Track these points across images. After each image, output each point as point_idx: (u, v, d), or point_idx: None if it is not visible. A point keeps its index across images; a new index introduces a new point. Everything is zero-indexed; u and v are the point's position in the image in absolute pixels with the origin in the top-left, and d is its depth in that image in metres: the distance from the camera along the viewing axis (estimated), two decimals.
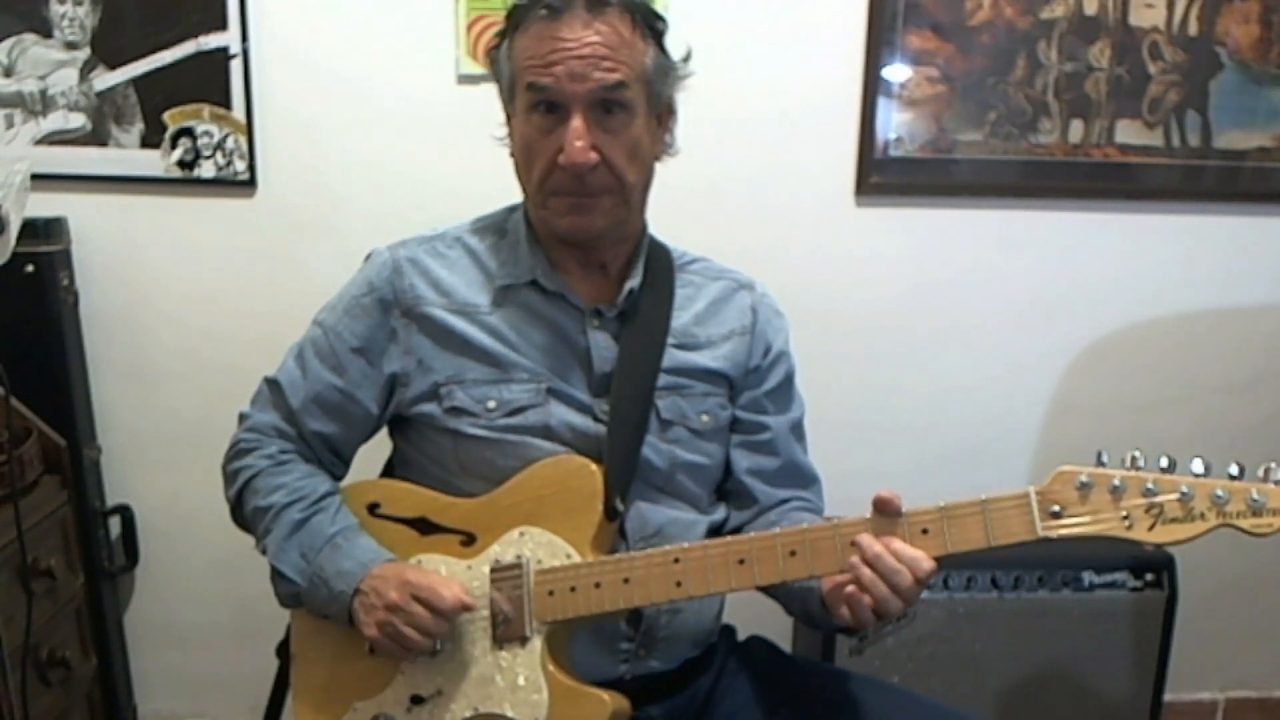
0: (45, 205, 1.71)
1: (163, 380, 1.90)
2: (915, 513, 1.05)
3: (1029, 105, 1.90)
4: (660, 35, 1.20)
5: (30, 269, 1.72)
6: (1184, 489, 0.96)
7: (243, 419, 1.30)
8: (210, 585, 1.97)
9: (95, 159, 1.80)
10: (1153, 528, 0.97)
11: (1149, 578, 1.79)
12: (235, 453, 1.28)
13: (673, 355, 1.25)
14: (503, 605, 1.14)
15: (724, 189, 1.88)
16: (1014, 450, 2.06)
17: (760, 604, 1.24)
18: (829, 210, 1.93)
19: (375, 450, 1.34)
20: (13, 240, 1.33)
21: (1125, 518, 0.98)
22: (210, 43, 1.77)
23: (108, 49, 1.77)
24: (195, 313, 1.88)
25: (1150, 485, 0.97)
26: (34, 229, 1.69)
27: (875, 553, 1.03)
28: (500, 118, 1.24)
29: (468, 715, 1.14)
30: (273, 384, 1.28)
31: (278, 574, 1.19)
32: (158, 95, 1.79)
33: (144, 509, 1.95)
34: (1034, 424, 2.06)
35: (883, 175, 1.91)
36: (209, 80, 1.78)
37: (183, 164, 1.81)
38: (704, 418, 1.26)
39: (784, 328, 1.36)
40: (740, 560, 1.09)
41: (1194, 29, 1.89)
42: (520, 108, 1.18)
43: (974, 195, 1.94)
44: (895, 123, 1.89)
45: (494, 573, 1.16)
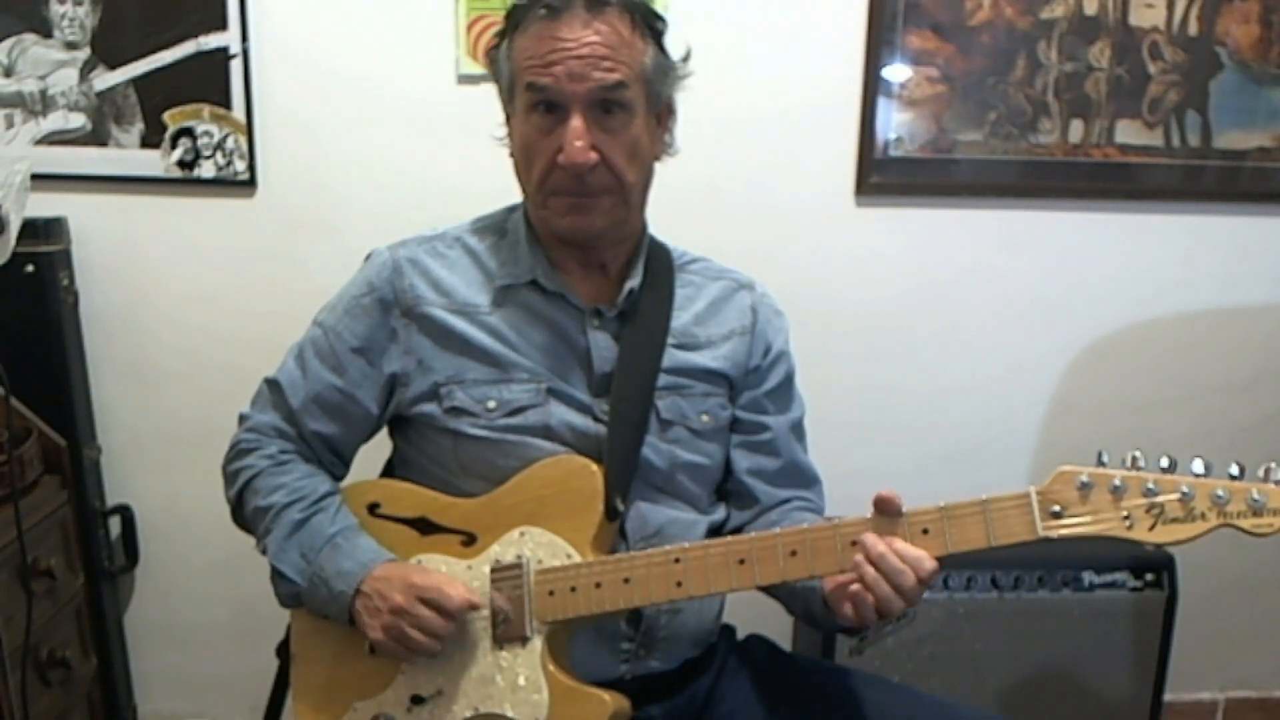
0: (45, 205, 1.71)
1: (163, 380, 1.90)
2: (916, 513, 1.05)
3: (1029, 105, 1.90)
4: (659, 35, 1.20)
5: (30, 269, 1.72)
6: (1184, 489, 0.97)
7: (243, 420, 1.30)
8: (210, 585, 1.97)
9: (95, 159, 1.80)
10: (1153, 528, 0.97)
11: (1149, 578, 1.79)
12: (235, 453, 1.28)
13: (673, 355, 1.25)
14: (503, 605, 1.14)
15: (724, 189, 1.88)
16: (1014, 450, 2.06)
17: (760, 603, 1.24)
18: (829, 210, 1.93)
19: (375, 450, 1.34)
20: (13, 240, 1.33)
21: (1126, 518, 0.98)
22: (210, 43, 1.77)
23: (108, 49, 1.77)
24: (195, 313, 1.88)
25: (1151, 485, 0.98)
26: (34, 229, 1.69)
27: (879, 552, 1.03)
28: (500, 118, 1.24)
29: (468, 715, 1.14)
30: (273, 384, 1.28)
31: (278, 574, 1.19)
32: (158, 95, 1.79)
33: (144, 509, 1.95)
34: (1034, 424, 2.06)
35: (883, 175, 1.91)
36: (209, 80, 1.78)
37: (183, 164, 1.81)
38: (704, 418, 1.26)
39: (784, 327, 1.36)
40: (741, 560, 1.09)
41: (1194, 29, 1.89)
42: (520, 108, 1.18)
43: (974, 195, 1.94)
44: (895, 123, 1.89)
45: (494, 573, 1.16)
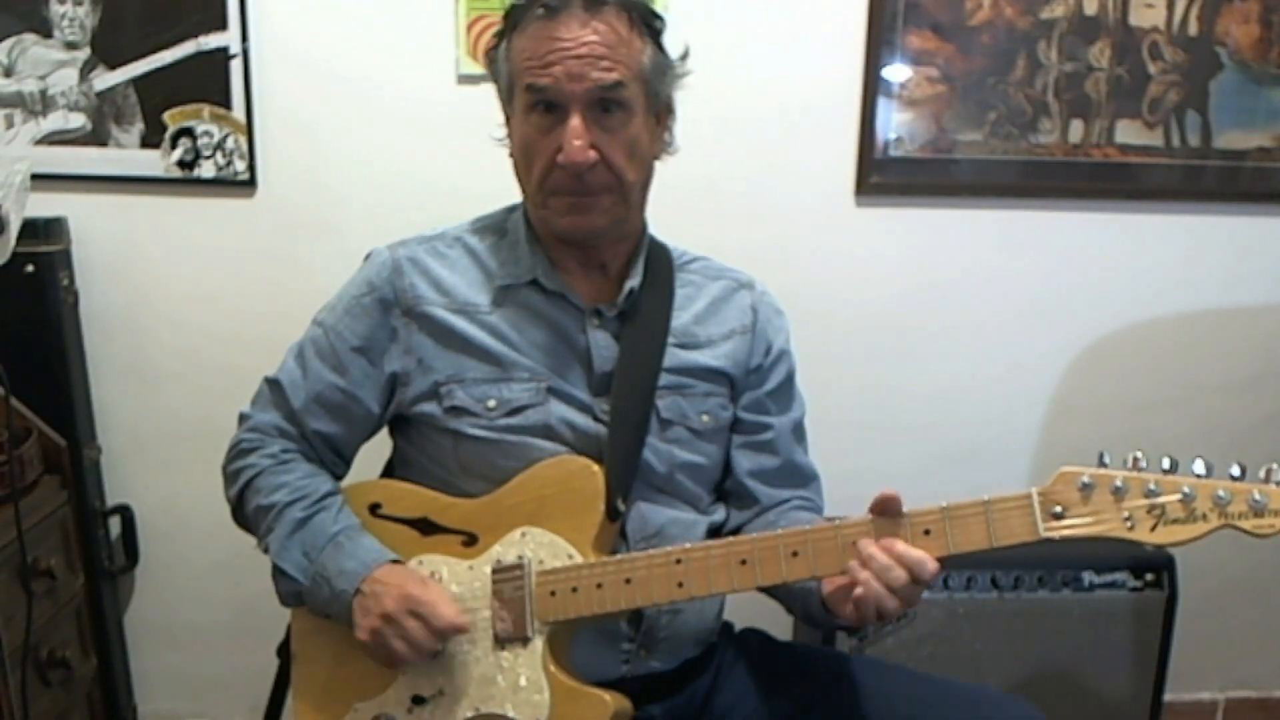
0: (45, 205, 1.71)
1: (163, 380, 1.90)
2: (917, 513, 1.05)
3: (1029, 105, 1.90)
4: (658, 34, 1.20)
5: (30, 269, 1.72)
6: (1186, 490, 0.96)
7: (243, 419, 1.30)
8: (210, 585, 1.97)
9: (95, 159, 1.80)
10: (1155, 529, 0.97)
11: (1149, 578, 1.79)
12: (237, 453, 1.28)
13: (673, 355, 1.25)
14: (501, 615, 1.14)
15: (724, 189, 1.88)
16: (1014, 450, 2.06)
17: (760, 602, 1.24)
18: (829, 210, 1.92)
19: (376, 450, 1.34)
20: (13, 240, 1.33)
21: (1127, 519, 0.98)
22: (210, 43, 1.77)
23: (108, 49, 1.77)
24: (195, 313, 1.88)
25: (1152, 486, 0.97)
26: (34, 229, 1.68)
27: (869, 553, 1.03)
28: (500, 118, 1.24)
29: (469, 715, 1.13)
30: (273, 384, 1.28)
31: (280, 572, 1.19)
32: (158, 95, 1.78)
33: (144, 509, 1.95)
34: (1034, 424, 2.06)
35: (883, 175, 1.91)
36: (209, 80, 1.78)
37: (183, 164, 1.81)
38: (704, 418, 1.26)
39: (784, 326, 1.36)
40: (742, 561, 1.09)
41: (1194, 29, 1.89)
42: (519, 108, 1.18)
43: (974, 195, 1.93)
44: (895, 123, 1.89)
45: (496, 573, 1.16)
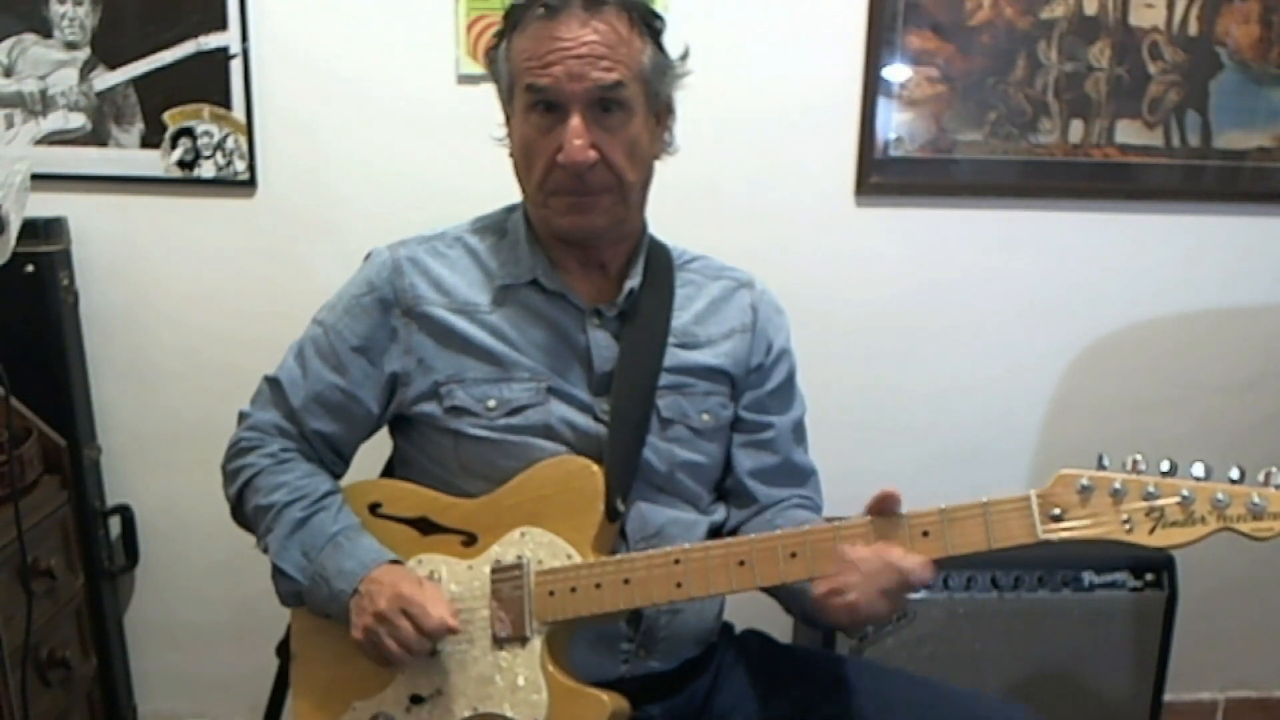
0: (45, 205, 1.71)
1: (163, 380, 1.90)
2: (916, 515, 1.05)
3: (1029, 105, 1.90)
4: (658, 34, 1.20)
5: (30, 269, 1.72)
6: (1185, 492, 0.96)
7: (243, 418, 1.30)
8: (210, 585, 1.97)
9: (95, 159, 1.80)
10: (1153, 531, 0.97)
11: (1149, 578, 1.79)
12: (236, 451, 1.28)
13: (674, 354, 1.25)
14: (500, 615, 1.14)
15: (724, 189, 1.88)
16: (1014, 450, 2.05)
17: (761, 603, 1.24)
18: (829, 210, 1.92)
19: (375, 450, 1.34)
20: (13, 240, 1.33)
21: (1126, 521, 0.98)
22: (210, 43, 1.76)
23: (108, 49, 1.77)
24: (195, 313, 1.88)
25: (1151, 489, 0.97)
26: (34, 229, 1.68)
27: (854, 558, 1.04)
28: (500, 118, 1.24)
29: (467, 715, 1.14)
30: (273, 382, 1.28)
31: (279, 572, 1.19)
32: (158, 95, 1.78)
33: (144, 509, 1.95)
34: (1034, 424, 2.06)
35: (883, 175, 1.90)
36: (209, 80, 1.78)
37: (183, 164, 1.81)
38: (705, 416, 1.26)
39: (785, 325, 1.36)
40: (741, 562, 1.10)
41: (1194, 29, 1.89)
42: (519, 108, 1.18)
43: (974, 195, 1.93)
44: (895, 123, 1.89)
45: (495, 573, 1.16)
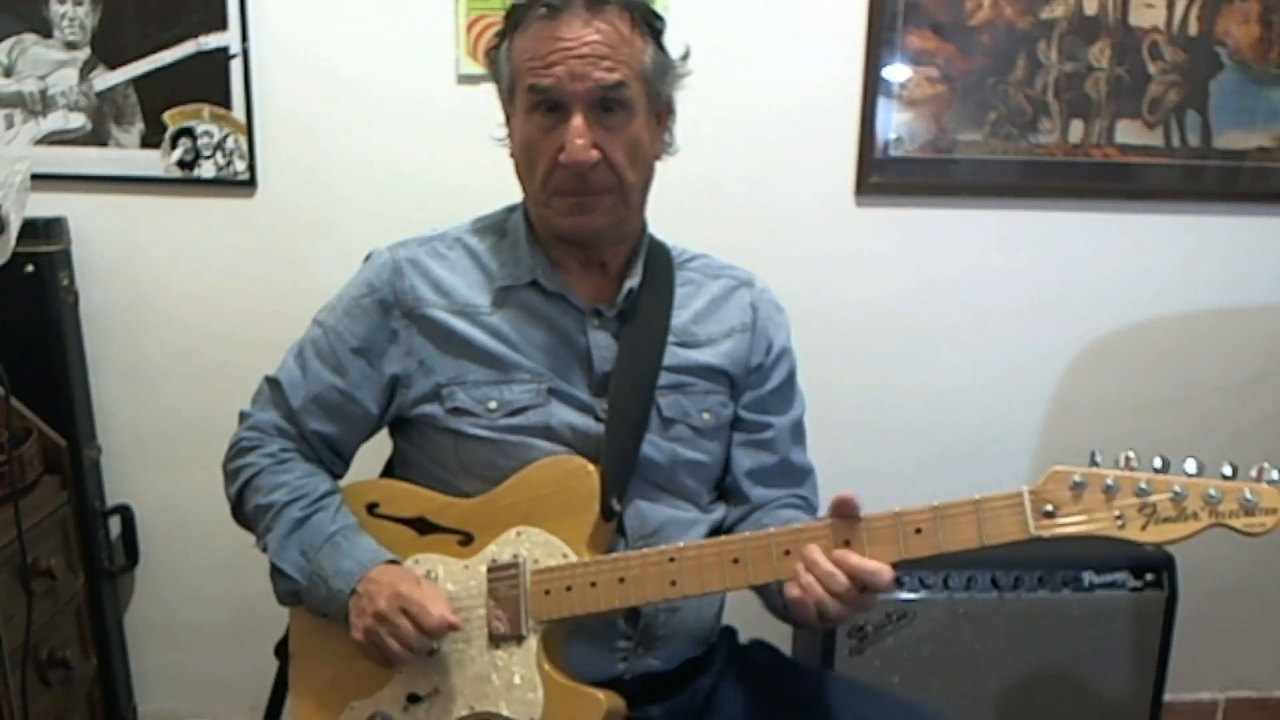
0: (45, 205, 1.71)
1: (163, 380, 1.91)
2: (909, 512, 1.05)
3: (1029, 105, 1.90)
4: (659, 34, 1.20)
5: (30, 269, 1.72)
6: (1177, 489, 0.96)
7: (243, 417, 1.30)
8: (210, 585, 1.97)
9: (95, 159, 1.80)
10: (1145, 527, 0.97)
11: (1149, 578, 1.79)
12: (236, 451, 1.28)
13: (674, 353, 1.25)
14: (497, 613, 1.14)
15: (724, 189, 1.88)
16: (1014, 450, 2.05)
17: (764, 609, 1.24)
18: (829, 210, 1.92)
19: (375, 450, 1.35)
20: (13, 240, 1.33)
21: (1118, 517, 0.98)
22: (210, 43, 1.77)
23: (108, 49, 1.77)
24: (195, 313, 1.88)
25: (1143, 485, 0.97)
26: (34, 229, 1.69)
27: (810, 560, 1.04)
28: (500, 118, 1.24)
29: (464, 714, 1.14)
30: (273, 383, 1.28)
31: (278, 572, 1.20)
32: (158, 95, 1.79)
33: (144, 509, 1.95)
34: (1034, 424, 2.05)
35: (883, 175, 1.91)
36: (209, 80, 1.78)
37: (183, 164, 1.81)
38: (705, 415, 1.26)
39: (785, 324, 1.36)
40: (735, 560, 1.10)
41: (1194, 29, 1.89)
42: (520, 108, 1.18)
43: (974, 195, 1.93)
44: (895, 123, 1.89)
45: (491, 572, 1.16)
